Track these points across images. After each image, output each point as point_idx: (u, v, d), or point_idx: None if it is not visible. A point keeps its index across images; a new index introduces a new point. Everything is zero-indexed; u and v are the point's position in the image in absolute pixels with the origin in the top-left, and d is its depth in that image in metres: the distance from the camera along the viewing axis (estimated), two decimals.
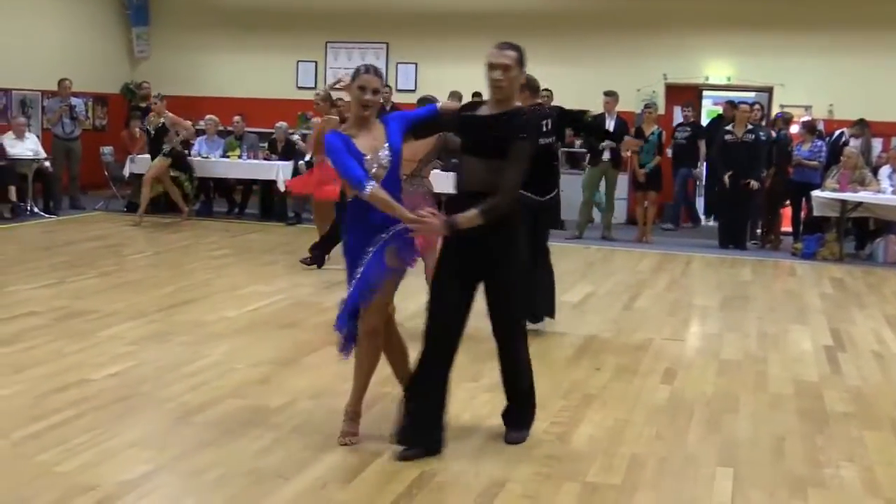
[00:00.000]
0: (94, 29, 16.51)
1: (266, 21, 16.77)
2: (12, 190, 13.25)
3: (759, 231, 13.91)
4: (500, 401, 5.91)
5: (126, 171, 14.23)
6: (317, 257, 10.12)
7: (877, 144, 13.96)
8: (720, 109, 15.27)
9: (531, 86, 7.52)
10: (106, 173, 15.02)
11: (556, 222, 8.18)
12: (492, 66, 4.96)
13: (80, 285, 8.96)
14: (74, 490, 4.32)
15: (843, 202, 12.70)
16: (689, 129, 14.96)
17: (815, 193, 12.83)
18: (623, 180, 14.05)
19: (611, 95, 13.75)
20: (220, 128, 14.86)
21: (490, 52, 5.02)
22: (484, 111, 5.02)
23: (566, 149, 14.58)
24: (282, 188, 14.06)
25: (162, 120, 12.87)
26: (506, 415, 5.38)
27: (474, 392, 6.15)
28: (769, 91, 15.21)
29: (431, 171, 7.79)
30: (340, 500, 4.34)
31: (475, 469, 4.81)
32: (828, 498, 4.69)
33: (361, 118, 4.95)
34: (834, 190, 12.77)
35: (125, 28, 17.20)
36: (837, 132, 14.05)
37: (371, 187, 4.67)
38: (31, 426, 5.13)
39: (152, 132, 13.17)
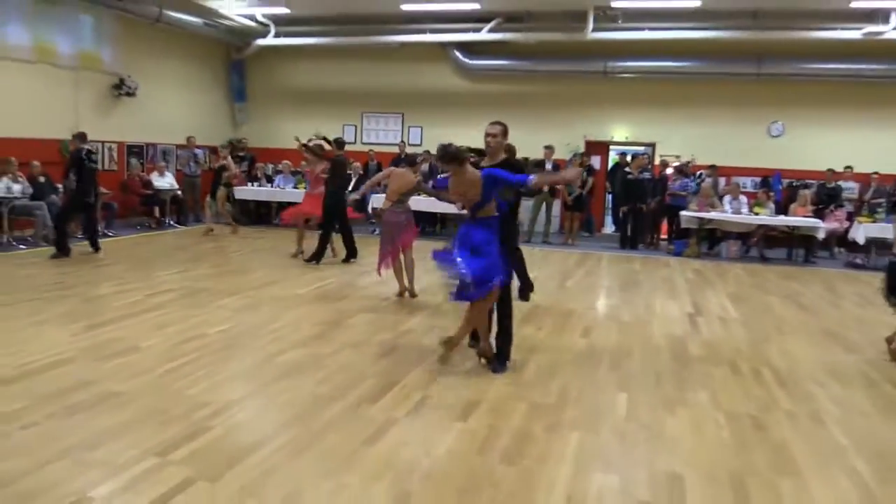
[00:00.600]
0: (210, 103, 16.52)
1: (321, 97, 16.78)
2: (157, 210, 13.40)
3: (646, 238, 13.94)
4: (470, 357, 5.97)
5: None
6: (316, 255, 9.94)
7: (721, 181, 13.99)
8: (618, 159, 15.27)
9: (509, 148, 7.56)
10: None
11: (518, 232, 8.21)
12: (486, 134, 5.62)
13: (200, 272, 8.96)
14: (198, 405, 4.36)
15: (700, 219, 12.75)
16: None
17: (683, 213, 12.86)
18: (557, 204, 14.07)
19: (549, 148, 13.83)
20: (293, 169, 14.92)
21: (487, 126, 5.69)
22: (485, 163, 5.48)
23: None
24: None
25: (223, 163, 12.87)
26: (496, 355, 5.49)
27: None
28: (653, 145, 15.22)
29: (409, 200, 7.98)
30: (370, 414, 4.39)
31: (457, 394, 4.85)
32: (689, 412, 4.74)
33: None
34: (695, 210, 12.82)
35: (230, 103, 17.20)
36: (699, 173, 14.08)
37: (531, 178, 5.16)
38: (168, 364, 5.17)
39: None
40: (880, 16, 12.28)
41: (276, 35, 15.45)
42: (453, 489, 3.45)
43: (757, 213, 12.75)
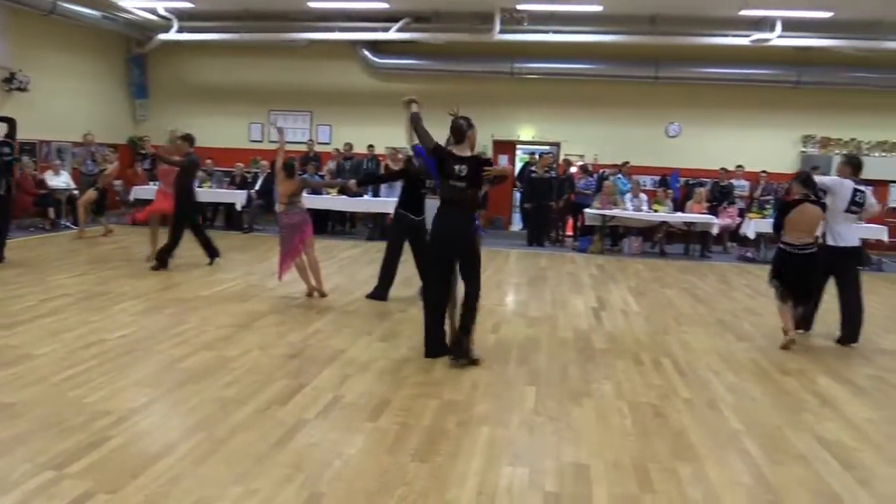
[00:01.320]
0: (109, 99, 15.80)
1: (227, 95, 16.33)
2: (51, 210, 12.71)
3: (552, 235, 14.23)
4: (387, 348, 5.95)
5: (131, 197, 13.74)
6: (164, 261, 9.03)
7: (625, 180, 14.44)
8: (528, 158, 15.54)
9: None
10: (117, 199, 14.47)
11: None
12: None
13: (99, 275, 8.56)
14: (97, 414, 4.17)
15: (604, 216, 13.11)
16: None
17: (587, 210, 13.20)
18: None
19: None
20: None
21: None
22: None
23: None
24: (239, 208, 13.80)
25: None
26: (455, 345, 5.61)
27: (370, 341, 6.14)
28: (558, 145, 15.55)
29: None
30: (279, 416, 4.30)
31: (370, 392, 4.82)
32: (594, 403, 4.86)
33: None
34: (598, 208, 13.18)
35: (131, 99, 16.51)
36: (602, 171, 14.46)
37: None
38: (65, 372, 4.92)
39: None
40: (767, 24, 12.94)
41: (180, 30, 14.90)
42: (365, 489, 3.43)
43: (656, 211, 13.22)
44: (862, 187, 6.97)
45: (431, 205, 6.74)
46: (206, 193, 13.95)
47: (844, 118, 14.58)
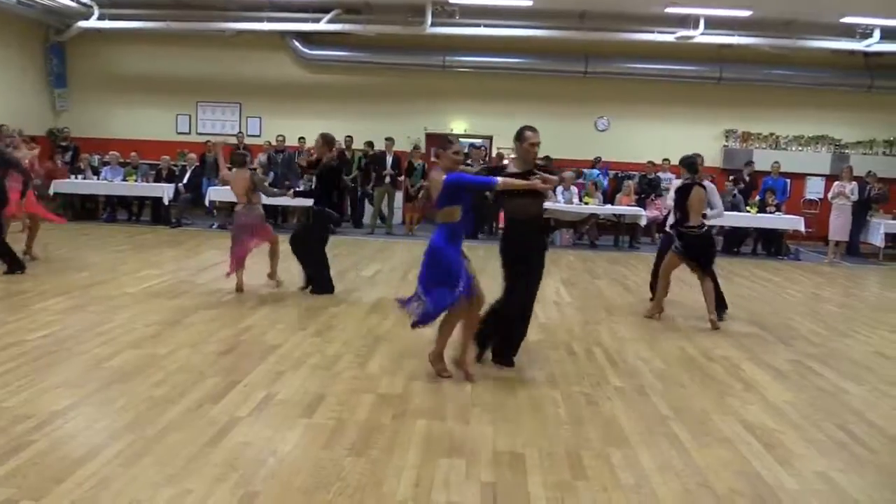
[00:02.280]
0: (26, 89, 15.09)
1: (153, 85, 15.83)
2: None
3: (486, 227, 14.32)
4: (321, 343, 5.89)
5: (51, 191, 13.21)
6: (16, 263, 8.18)
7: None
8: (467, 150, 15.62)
9: (326, 139, 7.87)
10: (35, 193, 13.83)
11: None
12: (532, 144, 5.39)
13: (17, 273, 8.19)
14: (18, 419, 3.99)
15: None
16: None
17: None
18: (399, 195, 14.16)
19: (389, 140, 13.90)
20: (121, 160, 14.01)
21: (530, 134, 5.43)
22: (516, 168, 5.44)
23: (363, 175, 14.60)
24: (166, 202, 13.42)
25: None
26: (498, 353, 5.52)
27: (304, 336, 6.07)
28: (491, 138, 15.67)
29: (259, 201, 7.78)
30: (211, 415, 4.21)
31: (304, 388, 4.77)
32: (528, 393, 4.92)
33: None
34: None
35: (49, 89, 15.83)
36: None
37: (497, 181, 4.93)
38: None
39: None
40: (691, 21, 13.32)
41: (101, 17, 14.38)
42: (301, 486, 3.39)
43: (587, 203, 13.46)
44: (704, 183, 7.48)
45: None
46: (131, 187, 13.57)
47: (763, 113, 15.17)
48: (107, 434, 3.88)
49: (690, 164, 7.37)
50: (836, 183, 13.40)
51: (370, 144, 14.27)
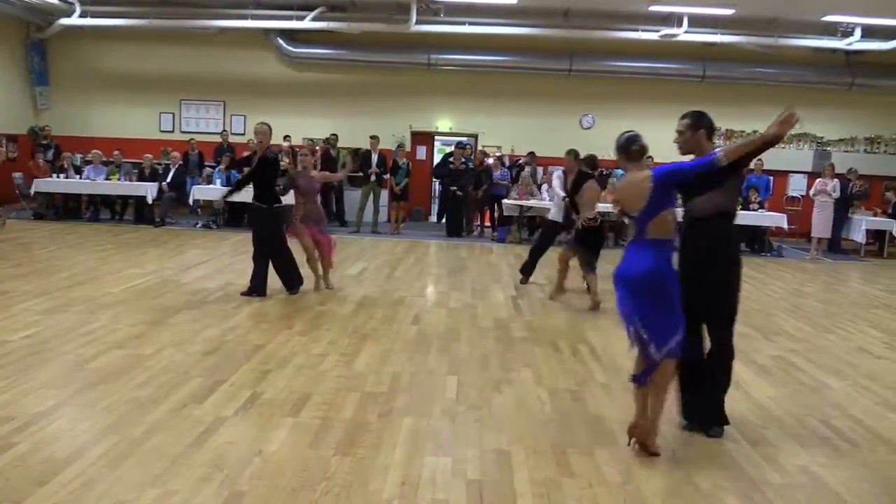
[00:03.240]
0: (7, 87, 14.95)
1: (136, 83, 15.71)
2: None
3: (470, 226, 14.33)
4: (307, 342, 5.88)
5: (32, 190, 13.08)
6: None
7: (539, 171, 14.67)
8: (447, 149, 15.64)
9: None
10: (17, 192, 13.73)
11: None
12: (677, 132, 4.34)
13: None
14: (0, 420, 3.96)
15: (521, 206, 13.31)
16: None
17: (504, 201, 13.37)
18: (384, 193, 14.14)
19: (374, 138, 13.87)
20: (104, 159, 13.89)
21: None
22: None
23: (352, 174, 14.55)
24: (150, 201, 13.32)
25: None
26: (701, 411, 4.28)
27: (289, 335, 6.05)
28: (476, 136, 15.67)
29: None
30: (196, 415, 4.19)
31: (290, 388, 4.75)
32: (514, 390, 4.93)
33: None
34: (515, 199, 13.36)
35: (30, 87, 15.67)
36: (518, 161, 14.66)
37: (719, 153, 3.76)
38: None
39: None
40: (675, 20, 13.39)
41: (82, 14, 14.23)
42: (287, 485, 3.38)
43: None
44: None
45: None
46: (114, 186, 13.46)
47: (746, 111, 15.22)
48: (91, 435, 3.85)
49: (590, 161, 8.39)
50: (818, 180, 13.52)
51: (355, 152, 14.29)
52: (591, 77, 15.12)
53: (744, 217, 13.30)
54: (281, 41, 15.16)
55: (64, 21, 14.44)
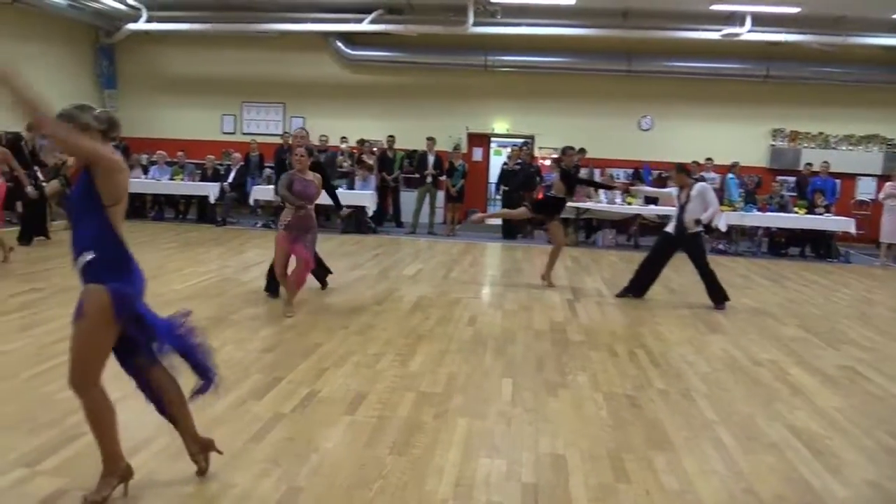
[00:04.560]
0: (77, 90, 15.46)
1: (199, 86, 16.15)
2: (19, 204, 12.33)
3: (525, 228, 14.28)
4: (363, 341, 5.94)
5: None
6: None
7: (596, 172, 14.53)
8: (503, 151, 15.65)
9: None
10: None
11: None
12: None
13: (68, 269, 8.40)
14: (69, 410, 4.08)
15: (578, 208, 13.20)
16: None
17: None
18: (441, 195, 14.20)
19: (431, 140, 13.94)
20: (168, 159, 14.31)
21: None
22: None
23: (404, 175, 14.65)
24: (212, 201, 13.64)
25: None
26: None
27: (346, 335, 6.12)
28: (532, 138, 15.60)
29: None
30: (255, 411, 4.27)
31: (347, 386, 4.81)
32: (570, 393, 4.89)
33: None
34: (572, 201, 13.23)
35: (99, 90, 16.26)
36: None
37: None
38: (36, 367, 4.85)
39: None
40: (738, 18, 13.09)
41: (149, 20, 14.69)
42: (343, 483, 3.42)
43: (630, 204, 13.32)
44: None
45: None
46: (177, 186, 13.86)
47: (813, 112, 14.83)
48: (153, 427, 3.95)
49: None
50: (888, 184, 13.01)
51: (410, 154, 14.43)
52: (650, 78, 14.90)
53: (809, 221, 12.99)
54: (339, 44, 15.37)
55: (131, 26, 14.92)
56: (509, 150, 14.87)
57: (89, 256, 3.06)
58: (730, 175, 13.72)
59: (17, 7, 12.77)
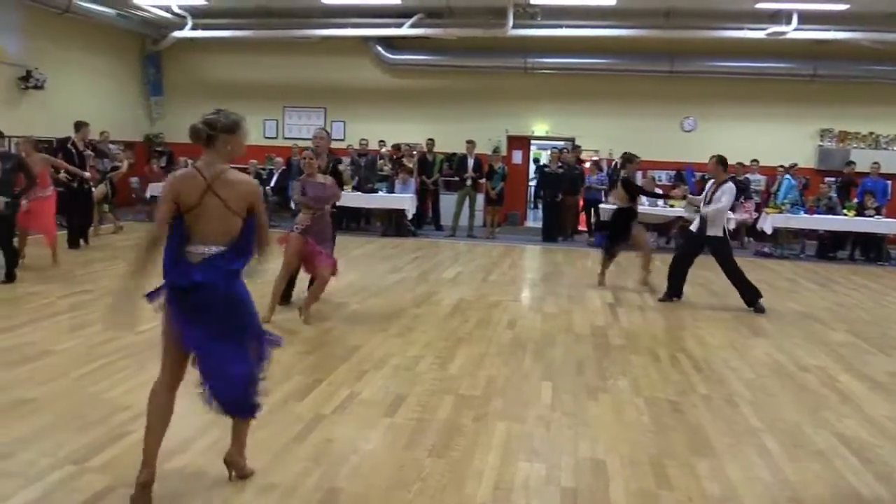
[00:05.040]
0: (125, 97, 15.93)
1: (241, 91, 16.36)
2: None
3: (566, 230, 14.19)
4: (403, 344, 5.97)
5: (147, 194, 13.84)
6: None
7: (639, 175, 14.34)
8: (543, 154, 15.58)
9: None
10: (134, 196, 14.64)
11: None
12: None
13: (118, 271, 8.62)
14: (117, 409, 4.22)
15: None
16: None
17: (602, 205, 13.14)
18: (480, 198, 14.18)
19: (470, 143, 13.94)
20: None
21: None
22: None
23: (444, 178, 14.68)
24: None
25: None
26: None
27: (385, 337, 6.16)
28: (573, 140, 15.50)
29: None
30: (296, 411, 4.33)
31: (386, 388, 4.84)
32: (611, 398, 4.85)
33: None
34: (614, 203, 13.09)
35: (146, 97, 16.66)
36: (613, 163, 14.38)
37: None
38: (85, 367, 4.98)
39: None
40: (783, 17, 12.83)
41: (194, 27, 14.97)
42: (382, 484, 3.44)
43: (672, 206, 13.13)
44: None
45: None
46: None
47: (862, 112, 14.45)
48: (198, 427, 4.03)
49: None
50: None
51: (450, 158, 14.48)
52: (693, 78, 14.68)
53: (859, 224, 12.66)
54: (379, 48, 15.48)
55: (177, 34, 15.23)
56: (548, 152, 14.79)
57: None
58: (786, 176, 13.40)
59: (68, 17, 13.13)
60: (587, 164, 14.46)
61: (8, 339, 5.58)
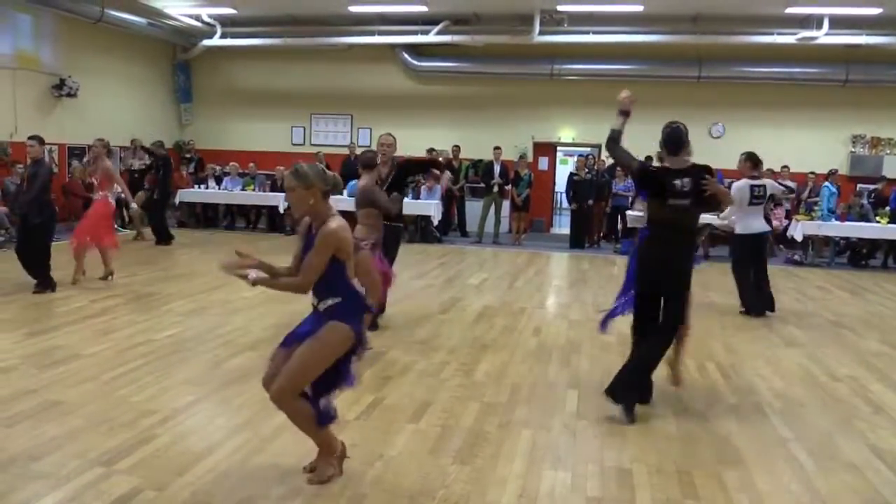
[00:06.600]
0: (155, 104, 16.18)
1: (269, 98, 16.58)
2: None
3: (593, 237, 14.10)
4: (429, 349, 5.96)
5: (176, 200, 14.01)
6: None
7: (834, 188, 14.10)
8: (569, 160, 15.50)
9: None
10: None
11: None
12: None
13: (146, 277, 8.75)
14: (144, 413, 4.26)
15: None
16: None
17: (629, 213, 13.05)
18: (506, 204, 14.16)
19: (497, 149, 13.93)
20: (240, 171, 14.73)
21: None
22: None
23: (469, 184, 14.69)
24: (281, 210, 13.94)
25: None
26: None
27: (410, 343, 6.14)
28: (599, 147, 15.40)
29: None
30: None
31: (411, 394, 4.83)
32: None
33: None
34: (640, 210, 13.01)
35: (176, 103, 16.90)
36: None
37: None
38: (113, 371, 5.04)
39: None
40: (814, 21, 12.67)
41: (223, 36, 15.21)
42: (406, 491, 3.43)
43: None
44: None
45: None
46: (249, 196, 14.26)
47: (895, 117, 14.20)
48: (225, 431, 4.07)
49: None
50: None
51: (475, 164, 14.50)
52: (722, 84, 14.54)
53: (893, 231, 12.40)
54: (406, 55, 15.54)
55: (206, 42, 15.46)
56: (575, 158, 14.73)
57: (332, 301, 3.41)
58: (826, 184, 13.15)
59: (101, 26, 13.38)
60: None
61: (39, 343, 5.67)
